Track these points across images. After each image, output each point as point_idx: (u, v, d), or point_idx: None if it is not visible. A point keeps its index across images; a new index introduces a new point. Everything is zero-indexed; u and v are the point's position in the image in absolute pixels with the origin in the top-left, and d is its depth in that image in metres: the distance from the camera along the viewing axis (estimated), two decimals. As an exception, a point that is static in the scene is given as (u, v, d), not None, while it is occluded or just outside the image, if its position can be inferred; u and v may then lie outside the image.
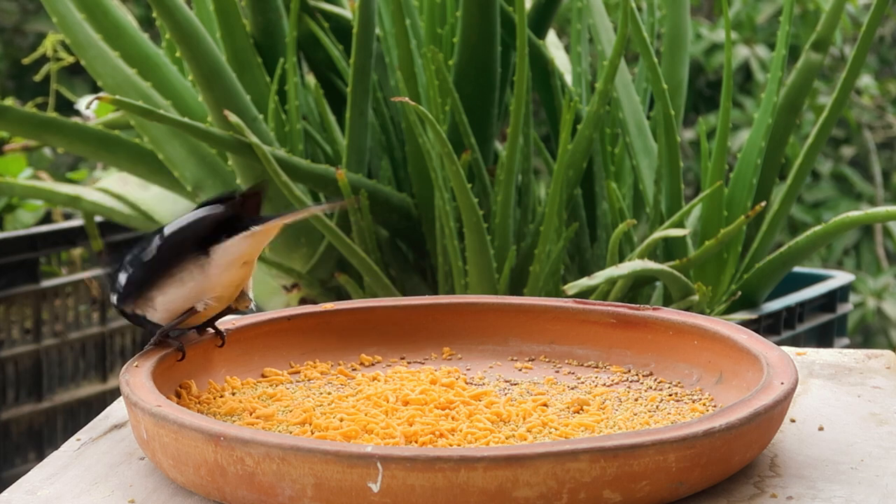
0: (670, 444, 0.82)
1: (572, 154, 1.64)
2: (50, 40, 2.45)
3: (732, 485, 0.88)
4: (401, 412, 0.96)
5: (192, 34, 1.62)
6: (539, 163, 1.87)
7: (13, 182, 2.08)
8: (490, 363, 1.09)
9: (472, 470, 0.80)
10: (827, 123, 1.66)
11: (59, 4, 1.74)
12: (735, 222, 1.55)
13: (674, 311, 1.07)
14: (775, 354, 0.96)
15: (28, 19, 3.88)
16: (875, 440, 0.95)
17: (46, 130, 1.76)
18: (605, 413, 0.97)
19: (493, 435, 0.92)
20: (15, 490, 0.90)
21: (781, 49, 1.67)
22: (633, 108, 1.73)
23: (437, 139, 1.52)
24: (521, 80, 1.58)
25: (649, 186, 1.69)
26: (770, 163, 1.71)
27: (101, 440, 0.98)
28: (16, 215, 2.34)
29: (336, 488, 0.82)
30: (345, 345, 1.10)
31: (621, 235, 1.55)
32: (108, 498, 0.89)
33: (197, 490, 0.88)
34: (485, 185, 1.68)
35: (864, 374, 1.09)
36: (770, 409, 0.88)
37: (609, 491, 0.82)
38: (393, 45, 1.74)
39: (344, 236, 1.60)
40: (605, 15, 1.79)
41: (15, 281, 2.14)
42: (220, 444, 0.85)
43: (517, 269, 1.68)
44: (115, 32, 1.75)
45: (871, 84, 3.62)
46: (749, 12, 3.47)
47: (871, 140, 3.65)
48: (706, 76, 3.59)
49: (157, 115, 1.54)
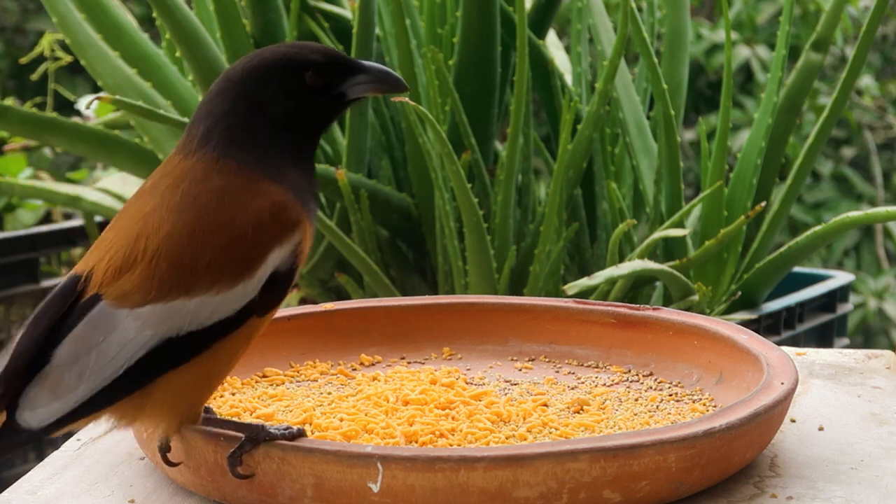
0: (670, 444, 0.82)
1: (572, 154, 1.64)
2: (47, 39, 2.45)
3: (732, 485, 0.88)
4: (401, 412, 0.96)
5: (192, 34, 1.62)
6: (539, 163, 1.87)
7: (13, 182, 2.08)
8: (490, 363, 1.09)
9: (472, 470, 0.80)
10: (827, 124, 1.66)
11: (59, 4, 1.74)
12: (735, 222, 1.55)
13: (674, 311, 1.07)
14: (775, 354, 0.96)
15: (29, 19, 3.88)
16: (875, 440, 0.95)
17: (46, 130, 1.76)
18: (606, 413, 0.97)
19: (493, 435, 0.92)
20: (15, 490, 0.90)
21: (782, 49, 1.67)
22: (633, 108, 1.72)
23: (437, 139, 1.52)
24: (521, 80, 1.58)
25: (649, 186, 1.69)
26: (770, 163, 1.71)
27: (101, 440, 0.98)
28: (16, 215, 2.34)
29: (336, 488, 0.82)
30: (345, 345, 1.10)
31: (621, 235, 1.55)
32: (108, 498, 0.89)
33: (197, 490, 0.88)
34: (485, 185, 1.68)
35: (864, 375, 1.09)
36: (770, 409, 0.88)
37: (609, 491, 0.82)
38: (393, 45, 1.74)
39: (344, 236, 1.60)
40: (605, 15, 1.79)
41: (15, 281, 2.14)
42: (220, 445, 0.85)
43: (517, 269, 1.67)
44: (115, 32, 1.75)
45: (872, 85, 3.62)
46: (750, 12, 3.47)
47: (871, 141, 3.65)
48: (707, 76, 3.59)
49: (157, 115, 1.54)
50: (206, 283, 0.83)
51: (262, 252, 0.84)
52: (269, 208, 0.84)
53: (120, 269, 0.83)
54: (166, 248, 0.83)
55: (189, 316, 0.82)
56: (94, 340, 0.82)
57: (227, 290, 0.83)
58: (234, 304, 0.84)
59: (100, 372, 0.82)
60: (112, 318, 0.82)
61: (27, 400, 0.82)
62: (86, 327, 0.82)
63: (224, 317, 0.83)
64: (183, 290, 0.83)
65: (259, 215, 0.84)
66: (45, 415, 0.82)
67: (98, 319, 0.82)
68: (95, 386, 0.82)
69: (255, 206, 0.84)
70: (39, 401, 0.82)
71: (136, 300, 0.82)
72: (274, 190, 0.85)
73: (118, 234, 0.85)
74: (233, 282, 0.83)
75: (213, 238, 0.83)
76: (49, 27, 3.27)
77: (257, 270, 0.84)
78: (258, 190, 0.85)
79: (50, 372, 0.82)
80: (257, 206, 0.84)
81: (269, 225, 0.84)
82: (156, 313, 0.82)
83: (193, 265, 0.83)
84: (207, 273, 0.83)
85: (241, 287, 0.84)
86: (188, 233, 0.83)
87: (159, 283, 0.82)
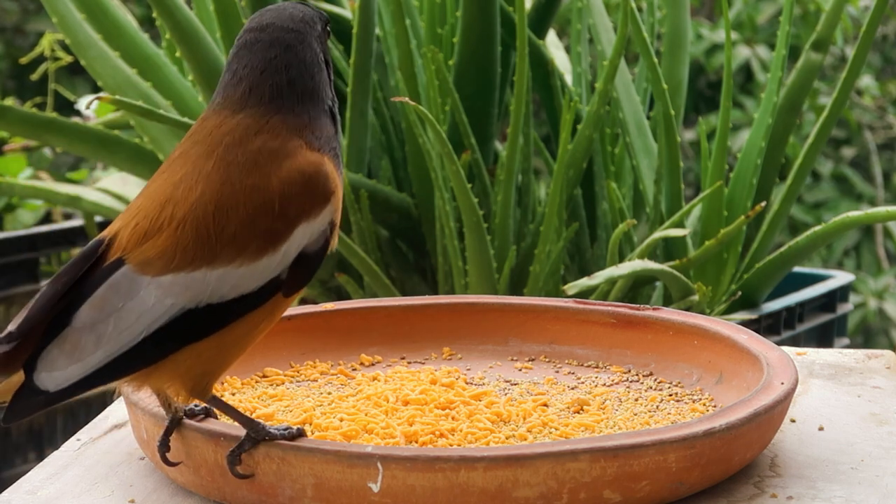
0: (670, 444, 0.82)
1: (572, 154, 1.64)
2: (47, 40, 2.45)
3: (732, 485, 0.88)
4: (401, 412, 0.96)
5: (192, 34, 1.62)
6: (539, 163, 1.87)
7: (13, 182, 2.08)
8: (490, 363, 1.09)
9: (472, 470, 0.80)
10: (827, 123, 1.66)
11: (59, 4, 1.74)
12: (735, 222, 1.55)
13: (674, 311, 1.07)
14: (775, 354, 0.96)
15: (29, 19, 3.88)
16: (875, 440, 0.95)
17: (46, 130, 1.76)
18: (605, 413, 0.97)
19: (493, 435, 0.92)
20: (15, 490, 0.90)
21: (782, 49, 1.67)
22: (633, 108, 1.73)
23: (437, 139, 1.52)
24: (521, 80, 1.58)
25: (649, 186, 1.69)
26: (770, 163, 1.71)
27: (101, 440, 0.98)
28: (16, 215, 2.34)
29: (336, 488, 0.82)
30: (345, 345, 1.10)
31: (621, 235, 1.55)
32: (108, 498, 0.89)
33: (197, 490, 0.88)
34: (485, 185, 1.68)
35: (864, 374, 1.09)
36: (770, 409, 0.88)
37: (609, 491, 0.82)
38: (393, 45, 1.74)
39: (344, 236, 1.60)
40: (605, 15, 1.79)
41: (15, 281, 2.14)
42: (221, 444, 0.85)
43: (517, 269, 1.68)
44: (115, 32, 1.75)
45: (872, 85, 3.62)
46: (750, 12, 3.47)
47: (871, 141, 3.65)
48: (707, 76, 3.59)
49: (157, 115, 1.54)
50: (230, 255, 0.81)
51: (288, 227, 0.82)
52: (298, 179, 0.82)
53: (145, 235, 0.82)
54: (192, 217, 0.81)
55: (210, 287, 0.81)
56: (114, 305, 0.81)
57: (251, 263, 0.81)
58: (257, 279, 0.82)
59: (117, 339, 0.80)
60: (134, 284, 0.81)
61: (46, 361, 0.80)
62: (107, 291, 0.81)
63: (246, 291, 0.82)
64: (206, 261, 0.81)
65: (288, 187, 0.82)
66: (61, 378, 0.80)
67: (120, 284, 0.81)
68: (113, 352, 0.80)
69: (284, 174, 0.82)
70: (58, 363, 0.80)
71: (159, 268, 0.81)
72: (309, 158, 0.83)
73: (146, 200, 0.83)
74: (256, 255, 0.81)
75: (240, 209, 0.81)
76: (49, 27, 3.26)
77: (282, 245, 0.82)
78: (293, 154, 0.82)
79: (69, 334, 0.81)
80: (286, 176, 0.82)
81: (296, 198, 0.82)
82: (177, 283, 0.81)
83: (218, 235, 0.81)
84: (232, 245, 0.81)
85: (265, 261, 0.81)
86: (215, 202, 0.81)
87: (183, 252, 0.81)
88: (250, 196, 0.82)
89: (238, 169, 0.82)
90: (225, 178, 0.82)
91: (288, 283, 0.83)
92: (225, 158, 0.83)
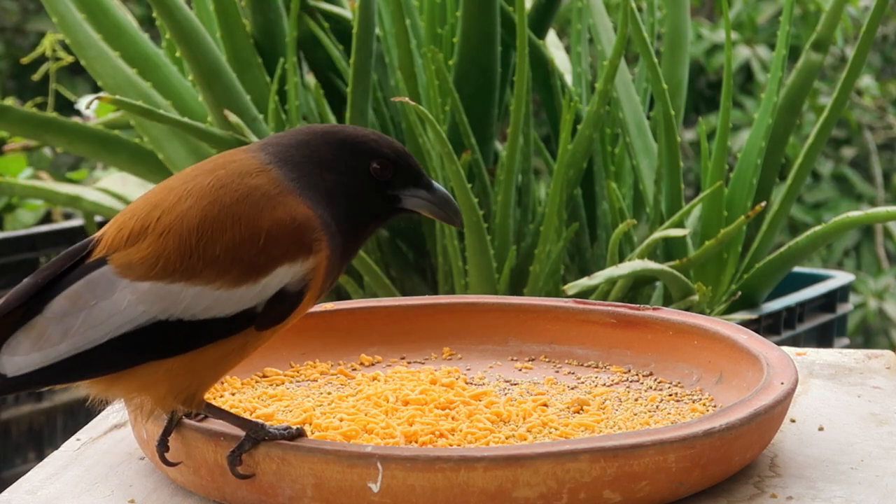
0: (670, 445, 0.82)
1: (572, 154, 1.64)
2: (48, 40, 2.45)
3: (732, 485, 0.88)
4: (401, 412, 0.96)
5: (192, 34, 1.62)
6: (539, 163, 1.87)
7: (13, 182, 2.08)
8: (490, 363, 1.09)
9: (472, 470, 0.80)
10: (827, 124, 1.66)
11: (59, 4, 1.74)
12: (735, 222, 1.55)
13: (674, 311, 1.07)
14: (775, 354, 0.96)
15: (29, 19, 3.88)
16: (875, 440, 0.95)
17: (46, 130, 1.76)
18: (605, 413, 0.97)
19: (493, 435, 0.92)
20: (15, 490, 0.90)
21: (782, 49, 1.67)
22: (633, 108, 1.73)
23: (437, 139, 1.52)
24: (521, 80, 1.58)
25: (649, 186, 1.69)
26: (770, 163, 1.71)
27: (101, 440, 0.98)
28: (16, 215, 2.34)
29: (336, 488, 0.82)
30: (345, 345, 1.10)
31: (621, 235, 1.55)
32: (108, 498, 0.89)
33: (197, 490, 0.88)
34: (485, 185, 1.68)
35: (864, 375, 1.09)
36: (770, 409, 0.88)
37: (609, 491, 0.82)
38: (393, 45, 1.74)
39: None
40: (605, 15, 1.79)
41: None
42: (221, 445, 0.85)
43: (517, 269, 1.68)
44: (115, 32, 1.75)
45: (872, 85, 3.62)
46: (750, 13, 3.47)
47: (871, 141, 3.65)
48: (707, 76, 3.60)
49: (157, 115, 1.54)
50: (210, 276, 0.82)
51: (269, 263, 0.83)
52: (289, 223, 0.83)
53: (130, 237, 0.83)
54: (177, 227, 0.82)
55: (184, 304, 0.81)
56: (87, 302, 0.81)
57: (228, 288, 0.82)
58: (233, 306, 0.82)
59: (84, 335, 0.81)
60: (111, 285, 0.81)
61: (10, 346, 0.81)
62: (83, 287, 0.82)
63: (219, 315, 0.82)
64: (185, 276, 0.81)
65: (277, 227, 0.83)
66: (22, 363, 0.81)
67: (98, 282, 0.82)
68: (77, 347, 0.81)
69: (276, 215, 0.83)
70: (21, 348, 0.81)
71: (139, 273, 0.82)
72: (303, 211, 0.84)
73: (140, 203, 0.85)
74: (235, 282, 0.82)
75: (226, 233, 0.82)
76: (49, 27, 3.27)
77: (262, 279, 0.82)
78: (287, 204, 0.83)
79: (38, 322, 0.82)
80: (278, 217, 0.83)
81: (283, 239, 0.83)
82: (153, 292, 0.81)
83: (201, 253, 0.82)
84: (213, 266, 0.82)
85: (243, 290, 0.82)
86: (199, 217, 0.82)
87: (165, 262, 0.82)
88: (236, 223, 0.82)
89: (230, 195, 0.83)
90: (214, 199, 0.83)
91: (263, 317, 0.84)
92: (222, 180, 0.84)
